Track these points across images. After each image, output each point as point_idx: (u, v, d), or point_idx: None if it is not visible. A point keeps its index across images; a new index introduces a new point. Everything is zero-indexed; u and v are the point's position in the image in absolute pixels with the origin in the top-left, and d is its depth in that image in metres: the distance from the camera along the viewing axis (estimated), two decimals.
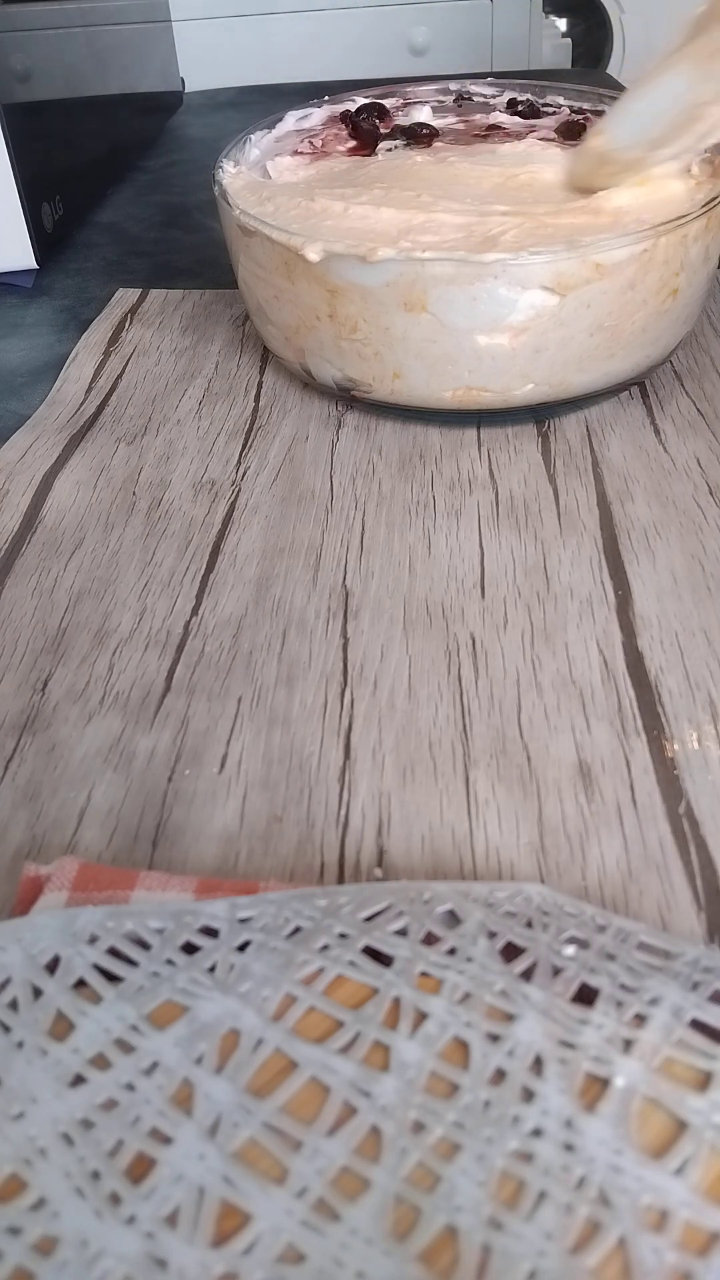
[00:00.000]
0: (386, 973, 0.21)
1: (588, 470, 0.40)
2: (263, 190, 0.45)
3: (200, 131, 0.89)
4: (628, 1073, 0.19)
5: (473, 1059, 0.20)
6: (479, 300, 0.37)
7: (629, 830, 0.27)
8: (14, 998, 0.21)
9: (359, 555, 0.36)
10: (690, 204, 0.39)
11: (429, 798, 0.28)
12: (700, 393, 0.45)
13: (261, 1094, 0.19)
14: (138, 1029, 0.20)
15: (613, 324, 0.39)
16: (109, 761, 0.29)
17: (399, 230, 0.40)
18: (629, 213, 0.40)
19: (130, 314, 0.54)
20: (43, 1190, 0.18)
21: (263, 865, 0.26)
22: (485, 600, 0.34)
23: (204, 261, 0.61)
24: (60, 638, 0.34)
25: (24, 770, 0.29)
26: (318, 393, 0.46)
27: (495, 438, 0.42)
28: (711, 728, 0.29)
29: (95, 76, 0.70)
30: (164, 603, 0.35)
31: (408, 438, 0.43)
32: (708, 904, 0.25)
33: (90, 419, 0.46)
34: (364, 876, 0.26)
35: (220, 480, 0.41)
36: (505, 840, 0.26)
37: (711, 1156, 0.18)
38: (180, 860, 0.27)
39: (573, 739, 0.29)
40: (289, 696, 0.31)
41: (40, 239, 0.59)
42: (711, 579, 0.34)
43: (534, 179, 0.44)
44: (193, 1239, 0.17)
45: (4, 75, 0.55)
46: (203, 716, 0.31)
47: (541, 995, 0.21)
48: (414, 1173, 0.18)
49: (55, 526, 0.39)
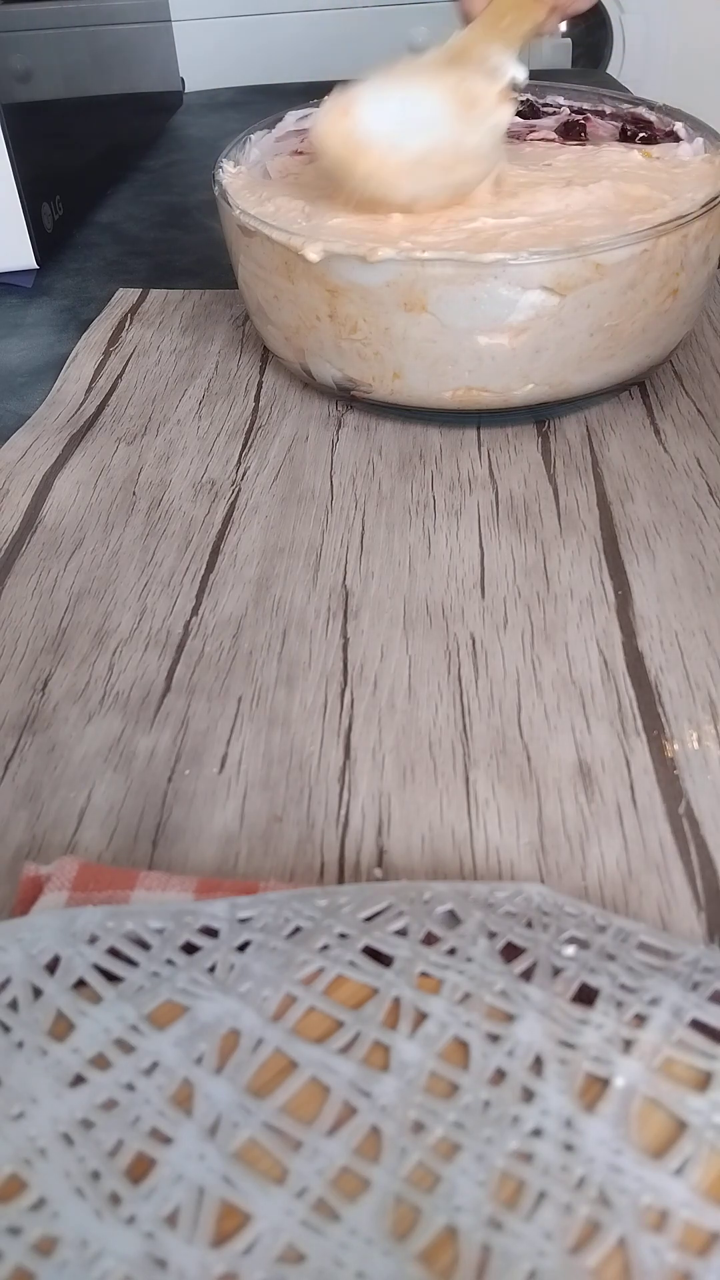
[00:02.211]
0: (386, 973, 0.21)
1: (588, 470, 0.40)
2: (263, 190, 0.45)
3: (200, 131, 0.89)
4: (628, 1073, 0.19)
5: (473, 1059, 0.20)
6: (479, 300, 0.37)
7: (629, 830, 0.27)
8: (14, 998, 0.21)
9: (359, 555, 0.36)
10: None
11: (429, 798, 0.28)
12: (700, 393, 0.45)
13: (261, 1094, 0.19)
14: (138, 1029, 0.20)
15: (613, 324, 0.39)
16: (109, 761, 0.29)
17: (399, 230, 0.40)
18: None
19: (130, 314, 0.54)
20: (43, 1190, 0.18)
21: (263, 865, 0.26)
22: (485, 600, 0.34)
23: (204, 261, 0.61)
24: (60, 638, 0.34)
25: (24, 770, 0.29)
26: (318, 393, 0.46)
27: (495, 438, 0.42)
28: (711, 728, 0.29)
29: (95, 76, 0.70)
30: (164, 603, 0.35)
31: (408, 438, 0.43)
32: (708, 904, 0.25)
33: (90, 419, 0.46)
34: (364, 876, 0.26)
35: (220, 480, 0.41)
36: (505, 840, 0.26)
37: (711, 1156, 0.18)
38: (180, 860, 0.26)
39: (573, 739, 0.29)
40: (289, 696, 0.31)
41: (40, 239, 0.59)
42: (711, 579, 0.34)
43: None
44: (193, 1239, 0.17)
45: (4, 75, 0.55)
46: (203, 716, 0.31)
47: (541, 995, 0.21)
48: (414, 1173, 0.18)
49: (55, 526, 0.39)
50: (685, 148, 0.46)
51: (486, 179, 0.41)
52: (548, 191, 0.41)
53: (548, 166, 0.45)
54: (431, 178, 0.40)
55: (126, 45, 0.79)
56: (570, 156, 0.46)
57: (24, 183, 0.56)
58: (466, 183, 0.41)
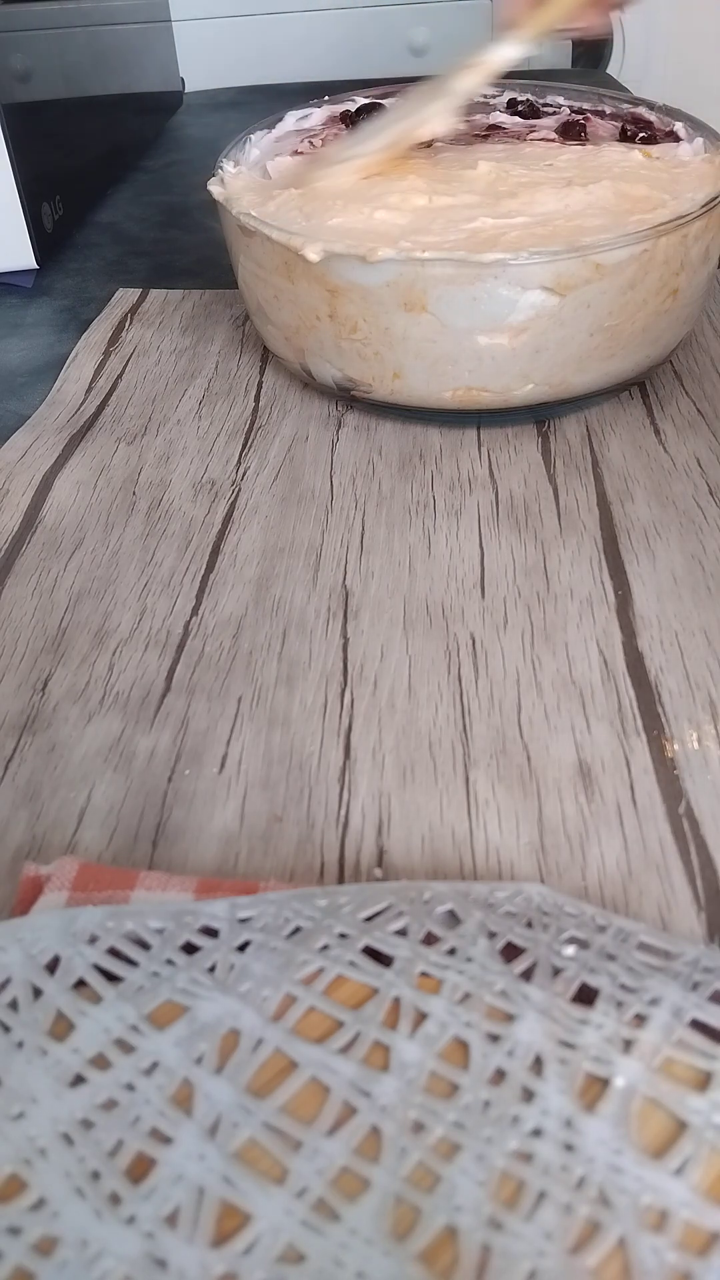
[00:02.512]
0: (386, 973, 0.21)
1: (588, 470, 0.40)
2: (263, 190, 0.45)
3: (200, 131, 0.89)
4: (628, 1073, 0.19)
5: (473, 1059, 0.20)
6: (479, 300, 0.37)
7: (629, 830, 0.27)
8: (14, 998, 0.21)
9: (359, 555, 0.36)
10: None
11: (429, 798, 0.28)
12: (700, 393, 0.45)
13: (261, 1094, 0.19)
14: (138, 1029, 0.20)
15: (613, 324, 0.39)
16: (109, 761, 0.29)
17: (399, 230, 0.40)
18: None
19: (130, 314, 0.54)
20: (43, 1190, 0.18)
21: (263, 865, 0.26)
22: (485, 600, 0.34)
23: (204, 261, 0.61)
24: (60, 638, 0.34)
25: (24, 770, 0.29)
26: (318, 393, 0.46)
27: (495, 438, 0.42)
28: (711, 728, 0.29)
29: (95, 76, 0.70)
30: (164, 603, 0.35)
31: (408, 438, 0.43)
32: (708, 904, 0.25)
33: (90, 419, 0.46)
34: (364, 876, 0.26)
35: (220, 480, 0.41)
36: (505, 840, 0.26)
37: (711, 1156, 0.18)
38: (180, 860, 0.26)
39: (573, 739, 0.29)
40: (289, 696, 0.31)
41: (40, 239, 0.59)
42: (711, 579, 0.34)
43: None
44: (193, 1239, 0.17)
45: (4, 75, 0.55)
46: (203, 716, 0.31)
47: (541, 995, 0.21)
48: (414, 1173, 0.18)
49: (55, 526, 0.39)
50: (685, 148, 0.46)
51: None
52: (548, 191, 0.41)
53: (548, 166, 0.45)
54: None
55: (126, 45, 0.79)
56: (570, 156, 0.46)
57: (24, 183, 0.56)
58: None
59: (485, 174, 0.43)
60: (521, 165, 0.45)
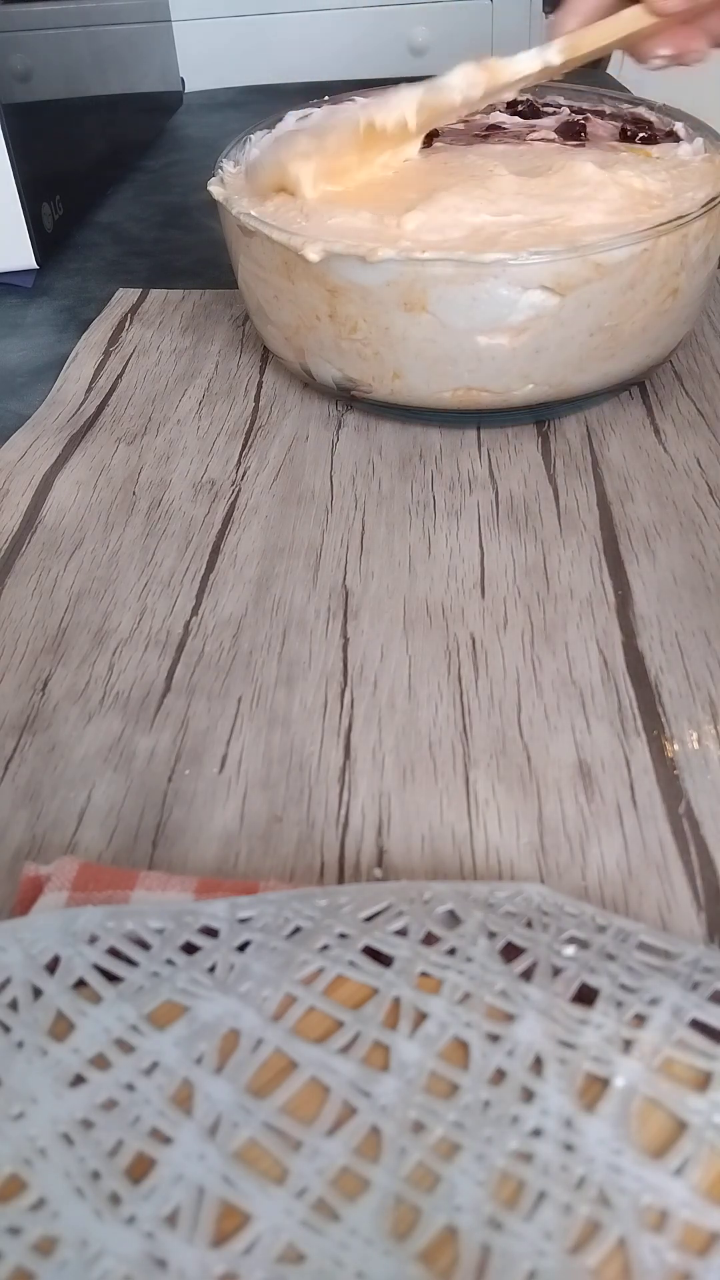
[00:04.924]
0: (386, 973, 0.21)
1: (588, 470, 0.40)
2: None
3: (200, 131, 0.89)
4: (628, 1073, 0.19)
5: (473, 1059, 0.20)
6: (479, 300, 0.37)
7: (629, 830, 0.27)
8: (14, 998, 0.21)
9: (359, 555, 0.36)
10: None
11: (429, 798, 0.28)
12: (700, 393, 0.45)
13: (261, 1094, 0.19)
14: (138, 1029, 0.20)
15: (613, 324, 0.39)
16: (109, 761, 0.29)
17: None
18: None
19: (130, 314, 0.54)
20: (43, 1190, 0.18)
21: (263, 865, 0.26)
22: (485, 600, 0.34)
23: (204, 261, 0.61)
24: (60, 638, 0.34)
25: (24, 770, 0.29)
26: (318, 393, 0.46)
27: (495, 438, 0.42)
28: (711, 728, 0.29)
29: (95, 76, 0.70)
30: (164, 603, 0.35)
31: (408, 438, 0.43)
32: (708, 904, 0.25)
33: (90, 419, 0.46)
34: (364, 876, 0.26)
35: (220, 480, 0.41)
36: (505, 840, 0.26)
37: (711, 1156, 0.18)
38: (180, 860, 0.27)
39: (573, 739, 0.29)
40: (289, 696, 0.31)
41: (40, 239, 0.59)
42: (711, 579, 0.34)
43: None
44: (193, 1239, 0.17)
45: (4, 75, 0.55)
46: (203, 716, 0.31)
47: (541, 995, 0.21)
48: (414, 1173, 0.18)
49: (55, 526, 0.39)
50: (685, 148, 0.46)
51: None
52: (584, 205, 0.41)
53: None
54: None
55: (126, 45, 0.79)
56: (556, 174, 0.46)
57: (24, 183, 0.56)
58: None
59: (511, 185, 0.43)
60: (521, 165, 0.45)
